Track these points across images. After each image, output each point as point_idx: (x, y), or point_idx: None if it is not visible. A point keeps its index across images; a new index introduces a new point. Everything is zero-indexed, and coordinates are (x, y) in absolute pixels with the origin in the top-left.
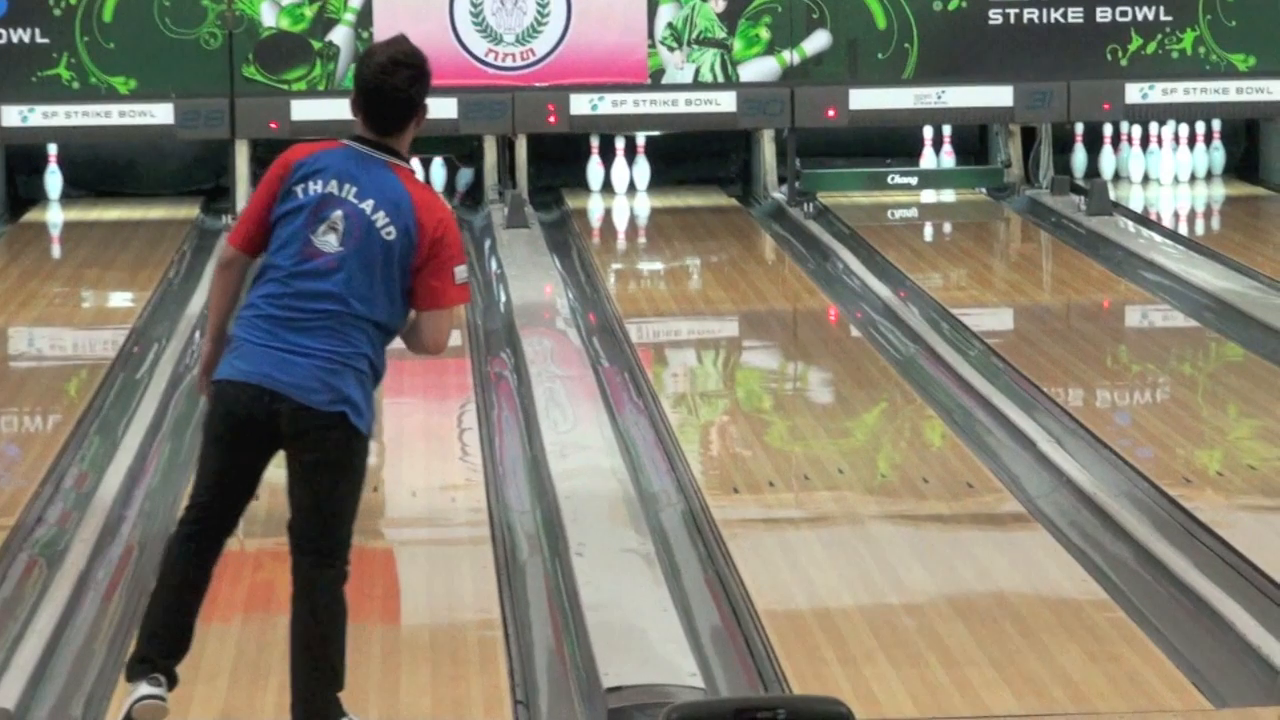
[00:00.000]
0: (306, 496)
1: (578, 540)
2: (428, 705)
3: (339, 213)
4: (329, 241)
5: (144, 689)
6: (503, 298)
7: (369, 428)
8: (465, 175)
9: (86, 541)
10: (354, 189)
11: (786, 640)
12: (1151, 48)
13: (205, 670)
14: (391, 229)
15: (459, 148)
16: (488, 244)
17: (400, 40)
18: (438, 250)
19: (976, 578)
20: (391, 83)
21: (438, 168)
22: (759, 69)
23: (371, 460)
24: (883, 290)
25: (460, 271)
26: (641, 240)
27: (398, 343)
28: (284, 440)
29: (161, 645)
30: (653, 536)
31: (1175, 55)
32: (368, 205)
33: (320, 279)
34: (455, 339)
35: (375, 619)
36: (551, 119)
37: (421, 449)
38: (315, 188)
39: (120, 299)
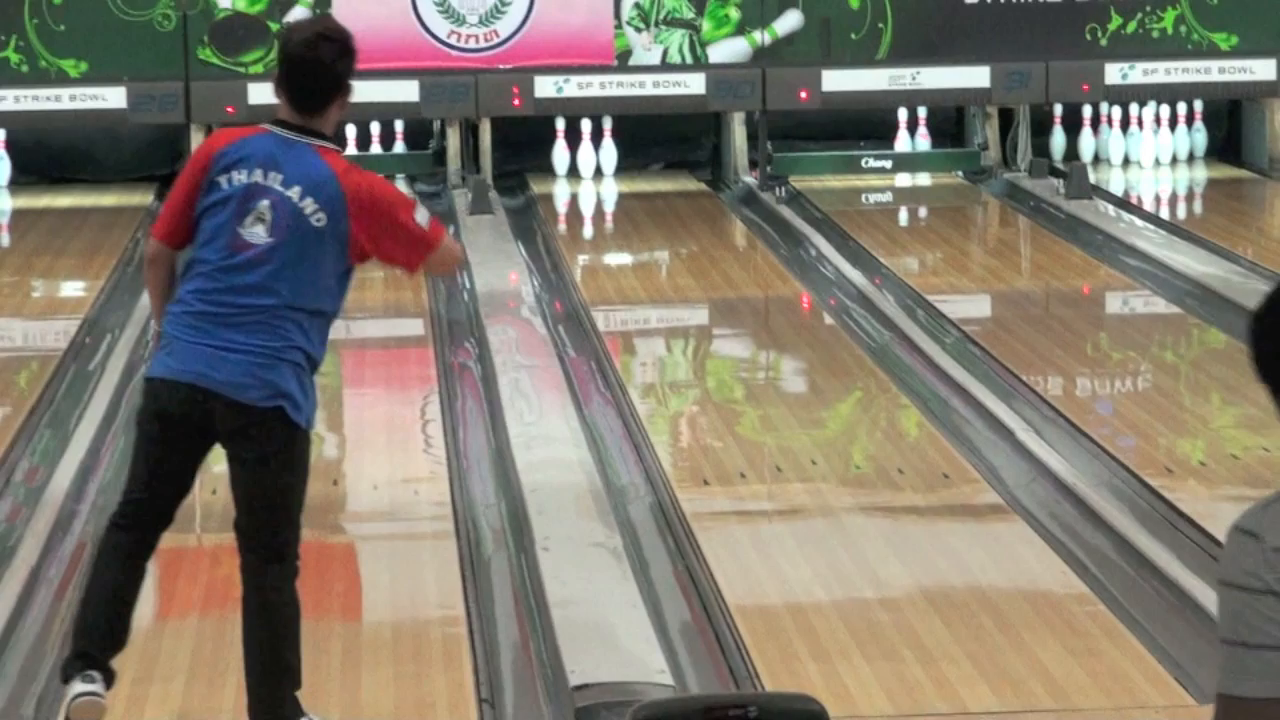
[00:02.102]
0: (250, 494)
1: (544, 534)
2: (390, 704)
3: (265, 202)
4: (257, 233)
5: (78, 686)
6: (467, 286)
7: (308, 420)
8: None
9: (38, 537)
10: (279, 176)
11: (758, 636)
12: (1132, 27)
13: (161, 669)
14: (322, 215)
15: (427, 166)
16: (451, 230)
17: (325, 17)
18: (378, 218)
19: (953, 571)
20: (316, 55)
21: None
22: (729, 50)
23: (332, 453)
24: (857, 276)
25: (419, 216)
26: (609, 226)
27: (361, 330)
28: (221, 438)
29: (96, 640)
30: (621, 530)
31: (1156, 34)
32: (294, 192)
33: (250, 272)
34: (418, 328)
35: (336, 616)
36: (516, 102)
37: (383, 441)
38: (239, 177)
39: (72, 288)
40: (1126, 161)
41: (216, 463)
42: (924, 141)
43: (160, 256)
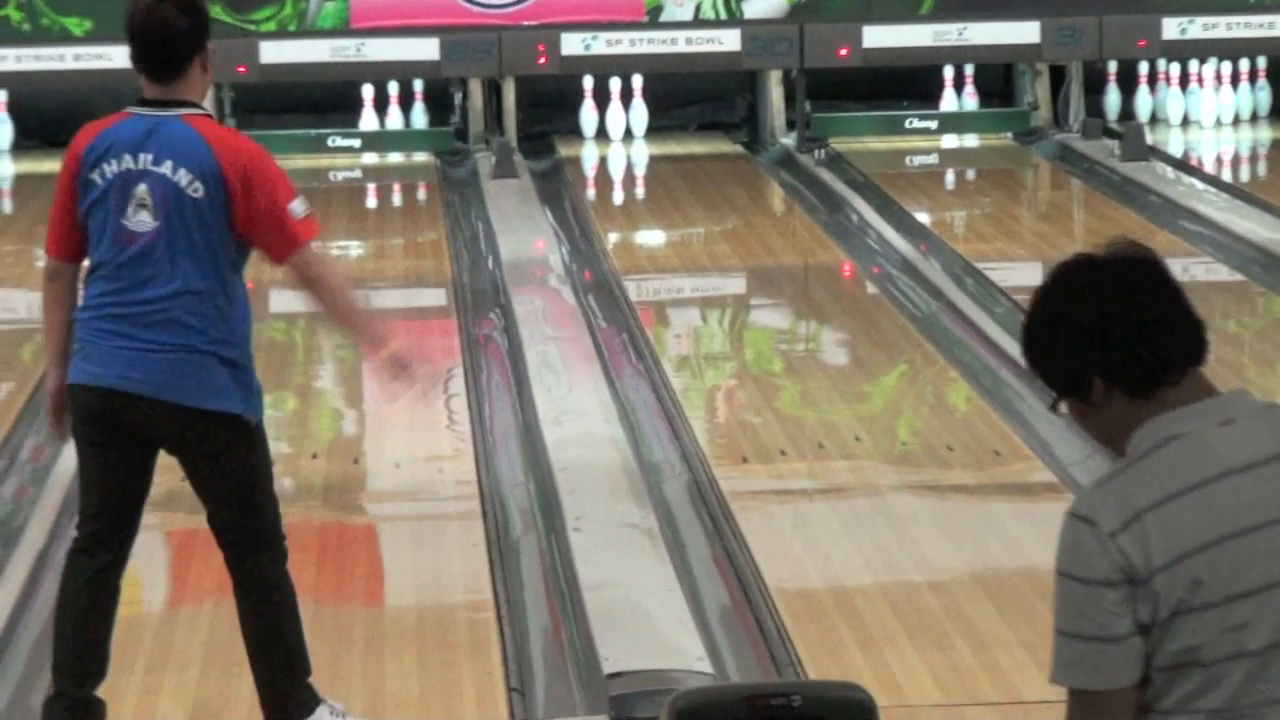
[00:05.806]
0: (212, 493)
1: (575, 515)
2: (415, 693)
3: (142, 186)
4: (142, 219)
5: None
6: (491, 254)
7: (245, 406)
8: None
9: (45, 518)
10: (149, 156)
11: (801, 621)
12: None
13: (175, 659)
14: (198, 185)
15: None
16: (474, 196)
17: None
18: (256, 188)
19: (1005, 553)
20: (161, 18)
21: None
22: (765, 5)
23: (351, 430)
24: (901, 243)
25: (296, 206)
26: (640, 191)
27: (381, 300)
28: (160, 442)
29: (74, 677)
30: (656, 510)
31: None
32: (166, 168)
33: (145, 262)
34: (440, 298)
35: (358, 601)
36: (541, 60)
37: (405, 417)
38: (111, 168)
39: None
40: (1185, 121)
41: None
42: (971, 101)
43: (59, 273)
